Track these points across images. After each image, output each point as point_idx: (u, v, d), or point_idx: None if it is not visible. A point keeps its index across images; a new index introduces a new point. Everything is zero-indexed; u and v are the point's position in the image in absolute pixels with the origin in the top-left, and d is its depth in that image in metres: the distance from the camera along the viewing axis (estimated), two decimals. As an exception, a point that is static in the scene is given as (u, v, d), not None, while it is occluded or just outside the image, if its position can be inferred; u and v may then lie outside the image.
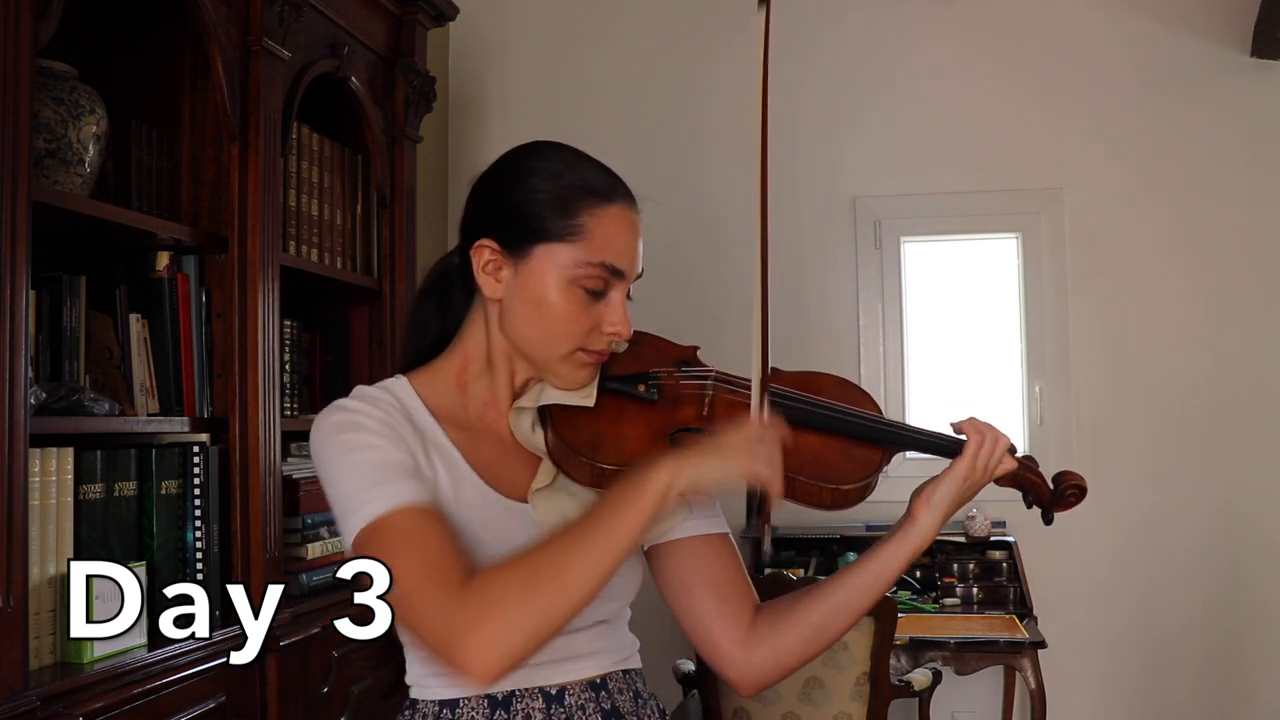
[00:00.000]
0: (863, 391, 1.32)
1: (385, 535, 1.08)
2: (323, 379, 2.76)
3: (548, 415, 1.23)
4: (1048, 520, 1.30)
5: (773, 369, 1.32)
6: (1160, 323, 3.56)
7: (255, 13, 2.24)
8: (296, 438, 2.46)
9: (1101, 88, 3.61)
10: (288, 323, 2.48)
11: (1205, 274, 3.54)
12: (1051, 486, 1.29)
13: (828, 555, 3.42)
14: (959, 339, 3.72)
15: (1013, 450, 1.28)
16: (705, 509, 1.31)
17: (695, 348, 1.32)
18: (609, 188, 1.21)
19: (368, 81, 2.76)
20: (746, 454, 1.09)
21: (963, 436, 1.26)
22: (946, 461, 1.27)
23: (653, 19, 3.85)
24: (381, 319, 2.83)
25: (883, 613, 2.32)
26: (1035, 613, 3.22)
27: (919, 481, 1.28)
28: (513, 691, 1.18)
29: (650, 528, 1.08)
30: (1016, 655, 2.94)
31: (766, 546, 1.28)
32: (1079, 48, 3.63)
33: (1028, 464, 1.29)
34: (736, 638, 1.27)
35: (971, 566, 3.34)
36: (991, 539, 3.35)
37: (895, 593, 3.22)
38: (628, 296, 1.23)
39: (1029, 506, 1.31)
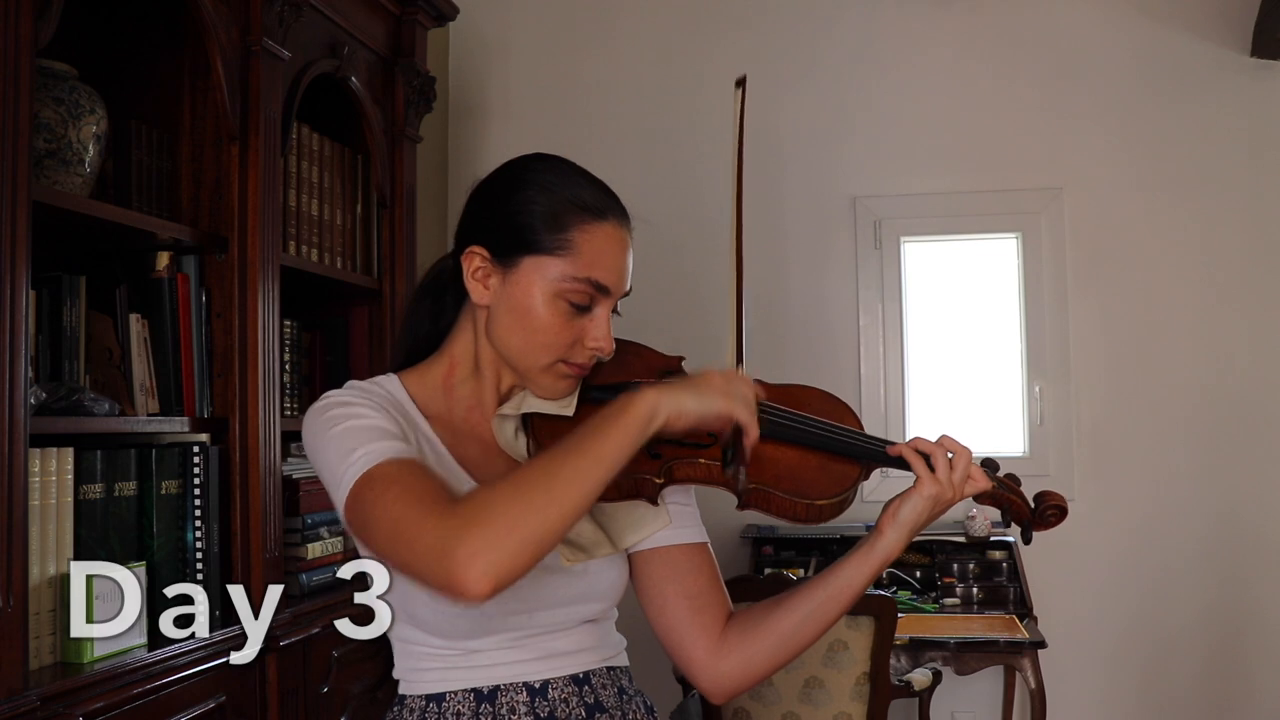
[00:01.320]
0: (845, 406, 1.32)
1: (372, 487, 1.07)
2: (323, 379, 2.76)
3: (530, 423, 1.24)
4: (1026, 540, 1.29)
5: (756, 382, 1.31)
6: (1160, 322, 3.56)
7: (255, 13, 2.24)
8: (296, 438, 2.45)
9: (1101, 88, 3.61)
10: (288, 323, 2.48)
11: (1206, 273, 3.54)
12: (1032, 506, 1.28)
13: (828, 555, 3.42)
14: (959, 339, 3.72)
15: (994, 468, 1.27)
16: (685, 519, 1.32)
17: (681, 358, 1.33)
18: (602, 205, 1.22)
19: (368, 81, 2.76)
20: (726, 393, 1.12)
21: (929, 453, 1.24)
22: None
23: (653, 20, 3.85)
24: (381, 319, 2.83)
25: (883, 613, 2.32)
26: (1035, 613, 3.22)
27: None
28: (497, 685, 1.20)
29: (632, 451, 1.08)
30: (1016, 655, 2.94)
31: (742, 485, 1.18)
32: (1079, 47, 3.62)
33: (1008, 483, 1.28)
34: (708, 647, 1.28)
35: (971, 566, 3.34)
36: (991, 539, 3.35)
37: (895, 593, 3.22)
38: (614, 312, 1.24)
39: (1007, 525, 1.30)
